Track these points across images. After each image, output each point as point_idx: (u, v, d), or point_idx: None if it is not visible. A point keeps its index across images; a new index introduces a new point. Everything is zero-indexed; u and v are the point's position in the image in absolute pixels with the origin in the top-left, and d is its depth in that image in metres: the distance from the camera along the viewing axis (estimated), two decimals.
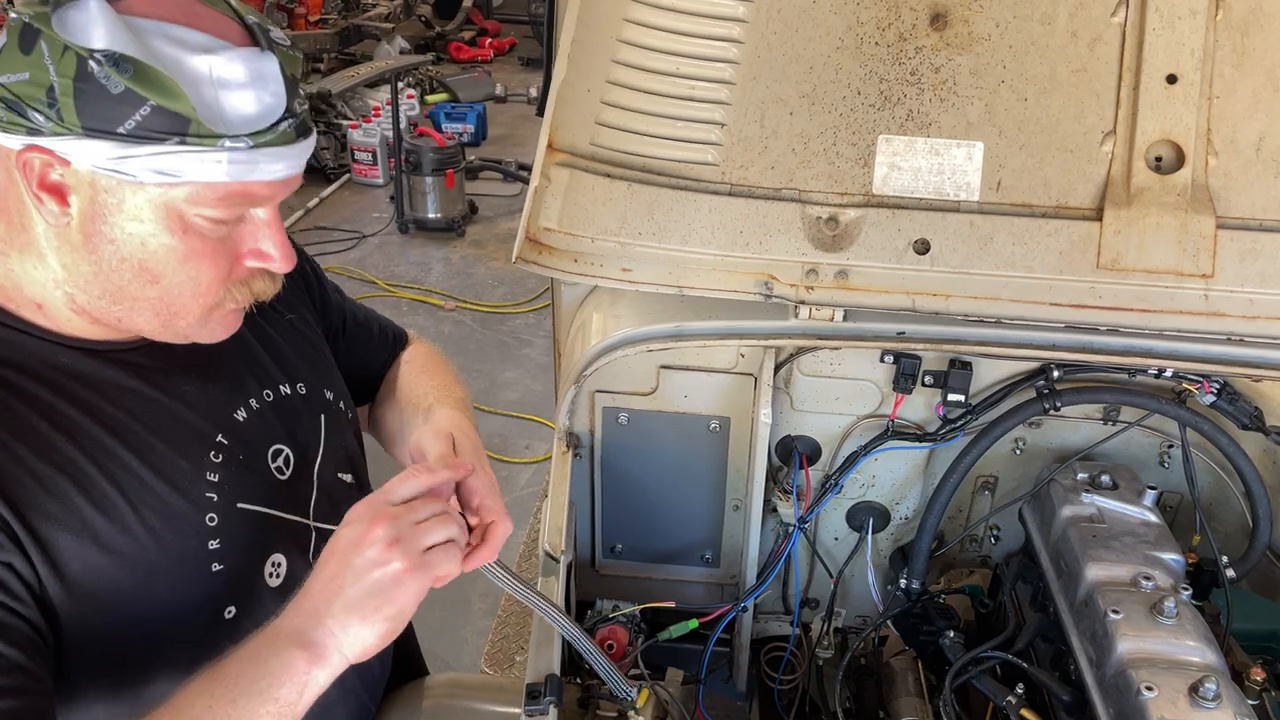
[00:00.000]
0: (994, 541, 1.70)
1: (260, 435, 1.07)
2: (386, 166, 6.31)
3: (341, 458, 1.18)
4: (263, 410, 1.08)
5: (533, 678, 1.17)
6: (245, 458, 1.04)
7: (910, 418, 1.52)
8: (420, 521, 0.91)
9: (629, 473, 1.62)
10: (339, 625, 0.87)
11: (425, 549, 0.90)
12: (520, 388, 4.53)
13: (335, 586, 0.88)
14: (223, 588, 1.00)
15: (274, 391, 1.10)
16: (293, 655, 0.87)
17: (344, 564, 0.88)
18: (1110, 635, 1.23)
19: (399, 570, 0.88)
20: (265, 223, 0.93)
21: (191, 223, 0.88)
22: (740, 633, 1.66)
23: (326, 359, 1.22)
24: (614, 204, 1.36)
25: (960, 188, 1.38)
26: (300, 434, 1.12)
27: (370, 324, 1.38)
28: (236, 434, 1.04)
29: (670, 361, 1.52)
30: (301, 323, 1.20)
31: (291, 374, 1.13)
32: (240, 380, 1.07)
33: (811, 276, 1.39)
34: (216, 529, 0.99)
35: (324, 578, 0.89)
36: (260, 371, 1.10)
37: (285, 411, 1.11)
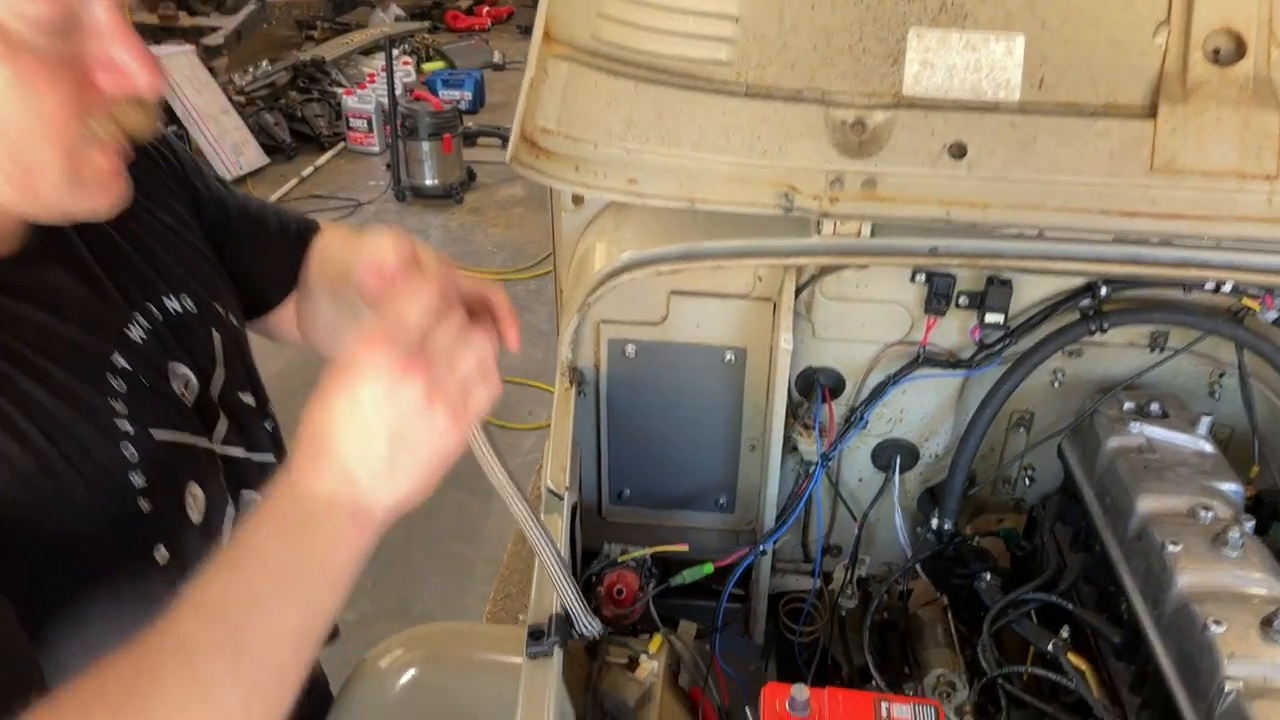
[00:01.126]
0: (1028, 483, 1.58)
1: (157, 355, 0.94)
2: (382, 134, 6.18)
3: (241, 377, 1.05)
4: (155, 328, 0.95)
5: (535, 618, 1.06)
6: (147, 381, 0.91)
7: (942, 344, 1.40)
8: (454, 360, 0.74)
9: (637, 410, 1.51)
10: (380, 484, 0.74)
11: (464, 387, 0.75)
12: (521, 354, 4.42)
13: (371, 447, 0.73)
14: (153, 527, 0.87)
15: (160, 307, 0.96)
16: (339, 524, 0.73)
17: (377, 419, 0.72)
18: (1169, 569, 1.12)
19: (444, 423, 0.73)
20: (108, 25, 0.75)
21: (13, 33, 0.71)
22: (758, 581, 1.55)
23: (213, 265, 1.07)
24: (619, 105, 1.24)
25: (999, 86, 1.25)
26: (197, 352, 0.98)
27: (265, 217, 1.19)
28: (134, 355, 0.90)
29: (681, 286, 1.40)
30: (182, 227, 1.05)
31: (177, 285, 0.99)
32: (126, 294, 0.93)
33: (836, 187, 1.27)
34: (138, 463, 0.86)
35: (351, 432, 0.72)
36: (144, 284, 0.96)
37: (178, 328, 0.97)
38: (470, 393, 0.75)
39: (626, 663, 1.17)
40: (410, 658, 1.28)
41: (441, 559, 3.29)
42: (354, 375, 0.72)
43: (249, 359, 1.09)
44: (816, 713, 1.09)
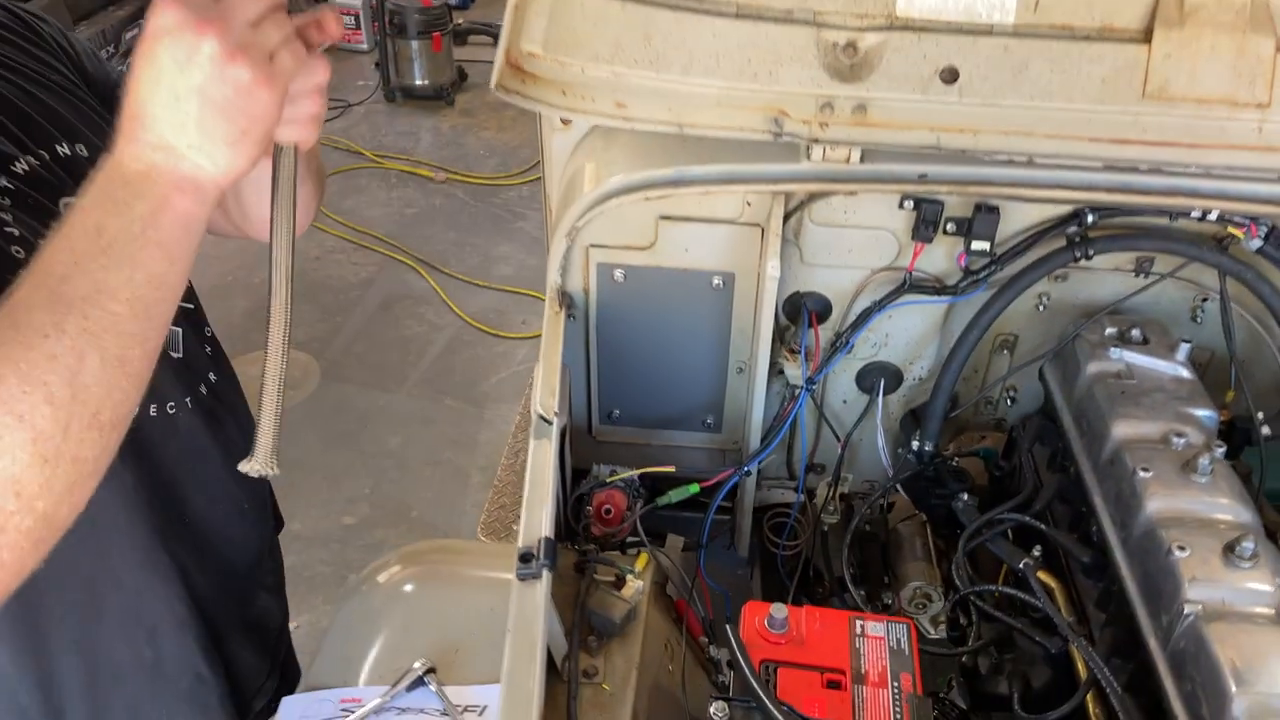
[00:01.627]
0: (1010, 404, 1.61)
1: (47, 187, 0.97)
2: (371, 31, 6.01)
3: None
4: (45, 165, 0.99)
5: (525, 542, 1.10)
6: (34, 203, 0.95)
7: (929, 270, 1.41)
8: (253, 19, 0.75)
9: (626, 334, 1.53)
10: (199, 152, 0.76)
11: (270, 53, 0.76)
12: (514, 262, 4.42)
13: (179, 112, 0.74)
14: None
15: (51, 151, 1.00)
16: (160, 190, 0.75)
17: (183, 84, 0.73)
18: (1139, 494, 1.16)
19: (249, 81, 0.74)
20: None
21: None
22: (743, 498, 1.59)
23: (105, 120, 1.09)
24: (607, 26, 1.21)
25: (994, 7, 1.23)
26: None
27: None
28: (20, 180, 0.95)
29: (670, 211, 1.40)
30: (71, 88, 1.10)
31: (69, 133, 1.03)
32: (14, 139, 0.98)
33: (826, 111, 1.26)
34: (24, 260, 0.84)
35: (160, 102, 0.74)
36: (34, 131, 1.00)
37: (70, 168, 1.00)
38: (276, 54, 0.76)
39: (613, 580, 1.21)
40: (407, 573, 1.33)
41: (437, 465, 3.35)
42: (153, 41, 0.73)
43: None
44: (794, 629, 1.14)
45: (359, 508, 3.18)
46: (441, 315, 4.06)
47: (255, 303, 3.99)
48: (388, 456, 3.37)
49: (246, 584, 1.31)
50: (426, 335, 3.96)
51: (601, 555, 1.25)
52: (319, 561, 2.97)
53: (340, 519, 3.12)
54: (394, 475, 3.30)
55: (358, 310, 4.03)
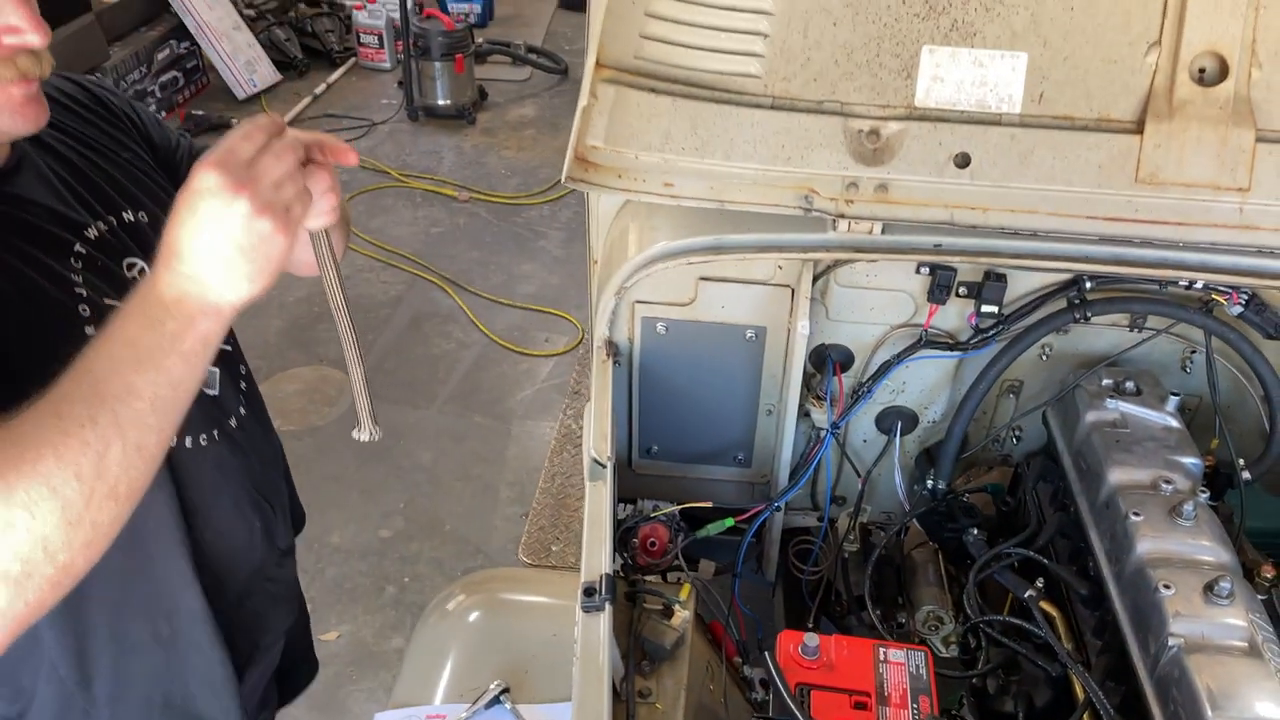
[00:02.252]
0: (1016, 441, 1.76)
1: (114, 249, 1.14)
2: (393, 50, 6.17)
3: None
4: (112, 230, 1.15)
5: (588, 577, 1.25)
6: (103, 264, 1.12)
7: (943, 327, 1.56)
8: (277, 181, 0.93)
9: (666, 379, 1.68)
10: (224, 285, 0.92)
11: (288, 207, 0.93)
12: (537, 280, 4.57)
13: (213, 252, 0.90)
14: None
15: (118, 217, 1.17)
16: (189, 313, 0.91)
17: (218, 232, 0.90)
18: (1130, 536, 1.30)
19: (270, 231, 0.91)
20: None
21: None
22: (771, 528, 1.74)
23: (167, 191, 1.26)
24: (658, 120, 1.37)
25: (1003, 100, 1.38)
26: (151, 252, 1.13)
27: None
28: (91, 245, 1.11)
29: (709, 273, 1.55)
30: (138, 160, 1.27)
31: (134, 202, 1.20)
32: (88, 205, 1.14)
33: (852, 190, 1.41)
34: (90, 318, 1.06)
35: (197, 244, 0.90)
36: (104, 200, 1.17)
37: (134, 233, 1.18)
38: (291, 207, 0.94)
39: (662, 609, 1.36)
40: (471, 602, 1.48)
41: (467, 480, 3.51)
42: (196, 194, 0.90)
43: None
44: (825, 656, 1.29)
45: (394, 521, 3.33)
46: (468, 333, 4.22)
47: (288, 321, 4.16)
48: (420, 471, 3.53)
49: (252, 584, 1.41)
50: (455, 353, 4.12)
51: (650, 586, 1.40)
52: (358, 574, 3.13)
53: (377, 532, 3.27)
54: (427, 490, 3.46)
55: (388, 328, 4.19)
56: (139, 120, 1.33)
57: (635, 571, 1.53)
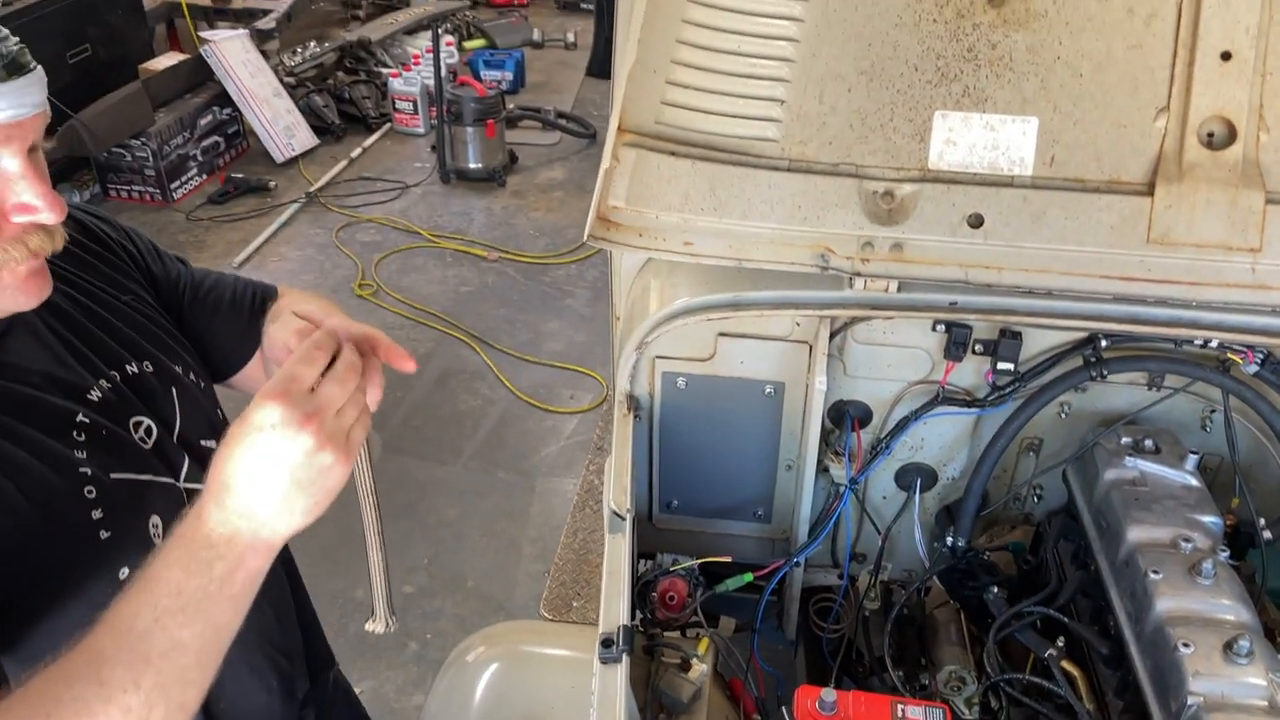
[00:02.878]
0: (1037, 500, 1.76)
1: (118, 410, 1.10)
2: (427, 116, 6.34)
3: (204, 425, 1.22)
4: (115, 388, 1.12)
5: (605, 628, 1.26)
6: (108, 432, 1.08)
7: (960, 384, 1.58)
8: (340, 407, 0.90)
9: (686, 433, 1.70)
10: (278, 520, 0.89)
11: (348, 431, 0.91)
12: (563, 338, 4.62)
13: (270, 490, 0.87)
14: (115, 552, 1.04)
15: (121, 371, 1.14)
16: (237, 553, 0.88)
17: (277, 469, 0.86)
18: (1150, 594, 1.30)
19: (332, 463, 0.88)
20: (17, 174, 0.93)
21: None
22: (791, 585, 1.74)
23: (170, 334, 1.26)
24: (678, 181, 1.41)
25: (1014, 163, 1.42)
26: (157, 406, 1.16)
27: (220, 292, 1.36)
28: (94, 413, 1.07)
29: (728, 329, 1.58)
30: (138, 303, 1.23)
31: (136, 353, 1.16)
32: (88, 364, 1.10)
33: (867, 249, 1.44)
34: (96, 500, 1.03)
35: (253, 480, 0.87)
36: (106, 354, 1.13)
37: (138, 388, 1.14)
38: (353, 435, 0.91)
39: (679, 663, 1.37)
40: (491, 654, 1.49)
41: (491, 537, 3.52)
42: (257, 429, 0.86)
43: (212, 411, 1.26)
44: (842, 712, 1.29)
45: (418, 577, 3.35)
46: (495, 390, 4.27)
47: None
48: (445, 527, 3.55)
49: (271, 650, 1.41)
50: (481, 409, 4.16)
51: (668, 639, 1.41)
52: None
53: (400, 587, 3.28)
54: (451, 545, 3.48)
55: (417, 384, 4.24)
56: (138, 255, 1.29)
57: (654, 626, 1.54)
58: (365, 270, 5.02)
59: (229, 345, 1.35)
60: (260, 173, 5.86)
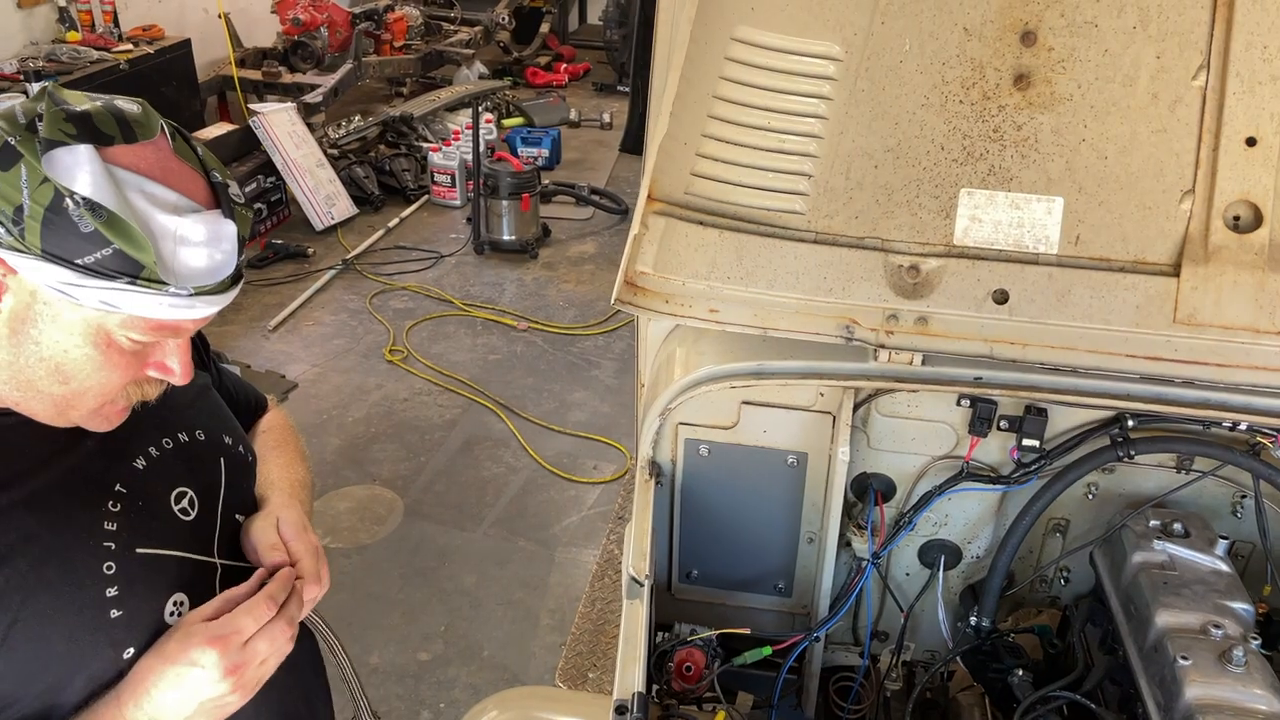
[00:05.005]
0: (1064, 583, 1.73)
1: (161, 479, 1.13)
2: (464, 189, 6.49)
3: (240, 499, 1.25)
4: (163, 456, 1.15)
5: (620, 695, 1.25)
6: (145, 503, 1.10)
7: (985, 460, 1.57)
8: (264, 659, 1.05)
9: (707, 502, 1.70)
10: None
11: (262, 674, 1.06)
12: (588, 409, 4.63)
13: (180, 711, 1.02)
14: (122, 632, 1.05)
15: (173, 439, 1.17)
16: None
17: (194, 698, 1.02)
18: (1179, 681, 1.27)
19: (235, 702, 1.05)
20: (179, 345, 1.04)
21: (115, 340, 0.99)
22: (811, 661, 1.71)
23: (223, 409, 1.30)
24: (705, 250, 1.44)
25: (1039, 241, 1.43)
26: (203, 476, 1.19)
27: (241, 388, 1.45)
28: (136, 481, 1.10)
29: (752, 398, 1.59)
30: (197, 382, 1.25)
31: (189, 423, 1.20)
32: (140, 430, 1.13)
33: (892, 321, 1.45)
34: (114, 576, 1.04)
35: (169, 703, 1.02)
36: (159, 421, 1.16)
37: (186, 456, 1.18)
38: (263, 675, 1.07)
39: None
40: (504, 718, 1.47)
41: (509, 606, 3.48)
42: (190, 664, 1.01)
43: (250, 485, 1.30)
44: None
45: (434, 644, 3.31)
46: (518, 458, 4.27)
47: (347, 440, 4.26)
48: (463, 595, 3.52)
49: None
50: (504, 477, 4.16)
51: (683, 711, 1.38)
52: (394, 697, 3.09)
53: (416, 654, 3.25)
54: (468, 614, 3.44)
55: (441, 450, 4.26)
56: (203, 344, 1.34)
57: (669, 697, 1.51)
58: (397, 336, 5.09)
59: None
60: (300, 239, 6.00)
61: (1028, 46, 1.42)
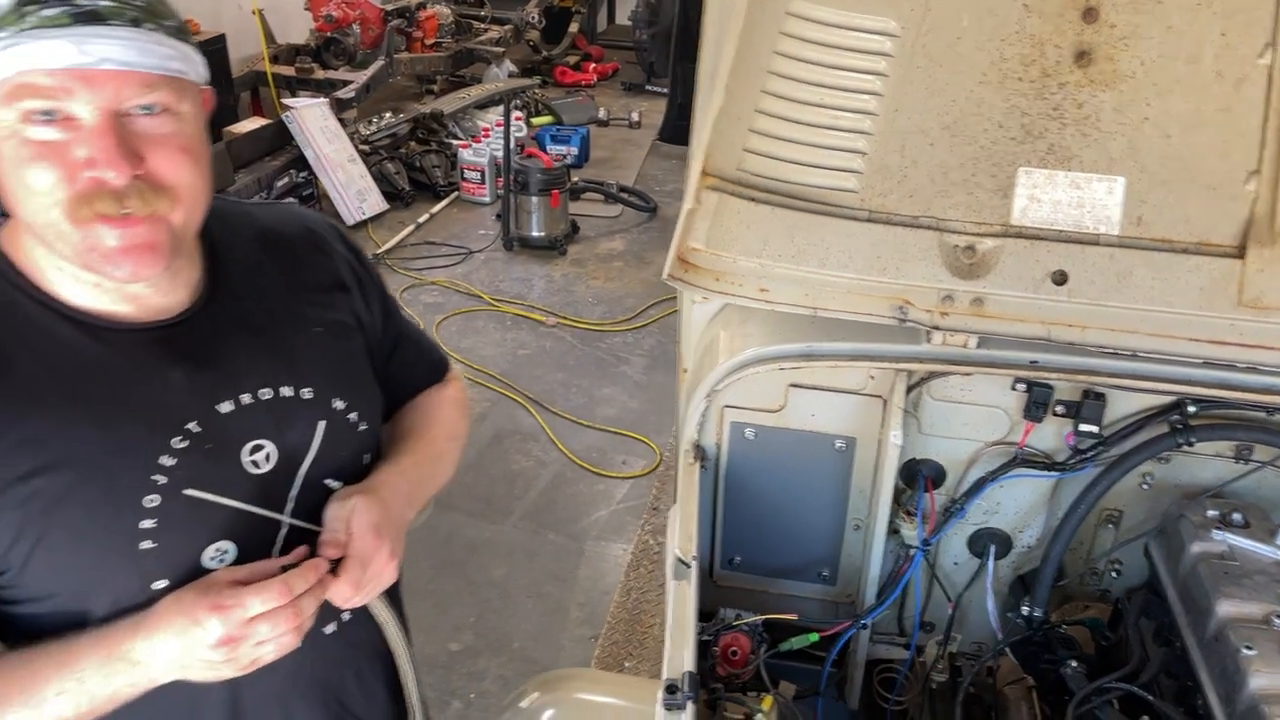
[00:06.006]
0: (1115, 576, 1.69)
1: (242, 429, 1.11)
2: (494, 186, 6.50)
3: (334, 466, 1.20)
4: (254, 406, 1.12)
5: (671, 674, 1.23)
6: (213, 448, 1.09)
7: (1039, 446, 1.54)
8: (262, 641, 1.03)
9: (752, 487, 1.67)
10: (171, 676, 1.04)
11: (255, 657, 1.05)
12: (617, 404, 4.62)
13: (176, 661, 1.03)
14: (152, 564, 1.06)
15: (274, 391, 1.14)
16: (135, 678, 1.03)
17: (186, 655, 1.02)
18: (1243, 671, 1.23)
19: (223, 671, 1.04)
20: (91, 130, 0.94)
21: (17, 133, 0.94)
22: (856, 651, 1.68)
23: (353, 373, 1.25)
24: (757, 227, 1.42)
25: (1100, 221, 1.40)
26: (291, 435, 1.15)
27: (418, 351, 1.43)
28: (213, 424, 1.09)
29: (800, 380, 1.57)
30: (336, 334, 1.24)
31: (300, 378, 1.16)
32: (237, 375, 1.12)
33: (947, 302, 1.43)
34: (155, 510, 1.05)
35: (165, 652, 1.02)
36: (265, 370, 1.14)
37: (280, 411, 1.14)
38: (259, 660, 1.05)
39: (743, 718, 1.32)
40: (546, 700, 1.45)
41: (539, 598, 3.47)
42: (194, 623, 1.01)
43: (356, 456, 1.24)
44: None
45: (464, 635, 3.30)
46: (547, 452, 4.26)
47: None
48: (492, 587, 3.51)
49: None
50: (533, 470, 4.15)
51: (732, 694, 1.36)
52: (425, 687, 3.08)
53: (446, 645, 3.24)
54: (497, 605, 3.43)
55: (470, 443, 4.23)
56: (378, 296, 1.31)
57: (714, 681, 1.49)
58: (427, 330, 5.09)
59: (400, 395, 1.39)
60: None
61: (1089, 23, 1.39)
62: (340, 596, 1.12)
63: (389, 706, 1.37)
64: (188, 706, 1.14)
